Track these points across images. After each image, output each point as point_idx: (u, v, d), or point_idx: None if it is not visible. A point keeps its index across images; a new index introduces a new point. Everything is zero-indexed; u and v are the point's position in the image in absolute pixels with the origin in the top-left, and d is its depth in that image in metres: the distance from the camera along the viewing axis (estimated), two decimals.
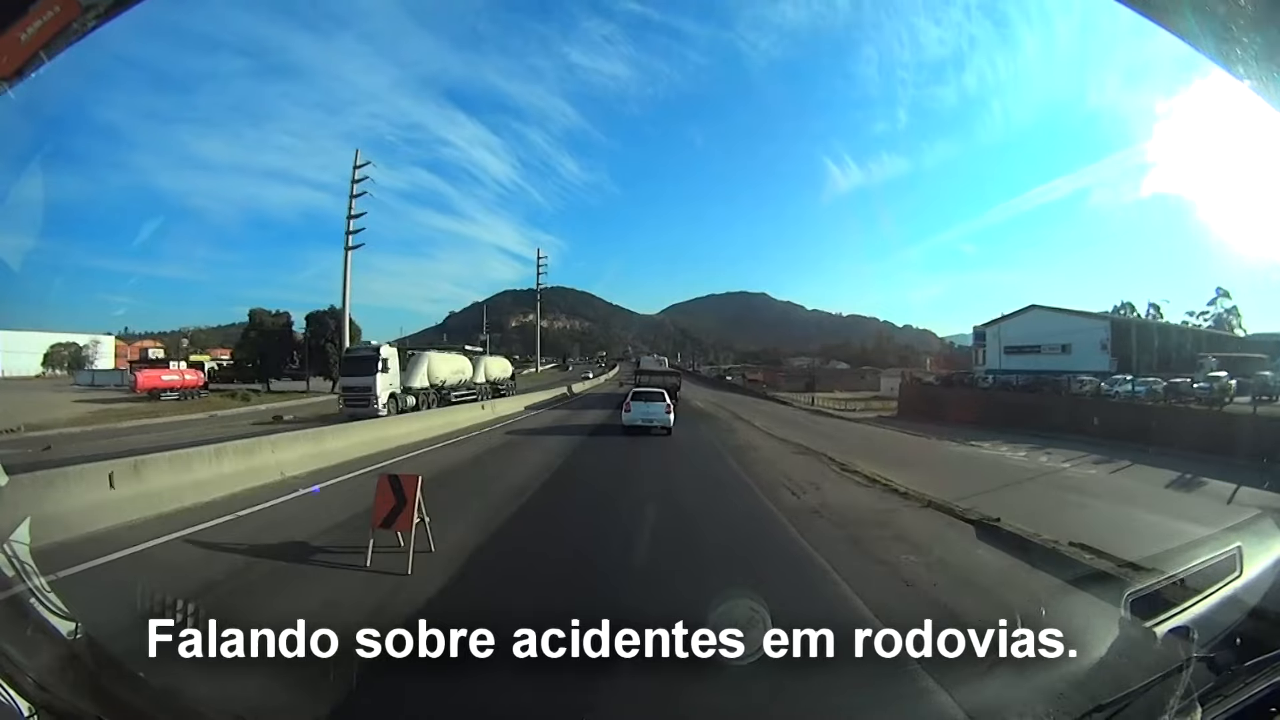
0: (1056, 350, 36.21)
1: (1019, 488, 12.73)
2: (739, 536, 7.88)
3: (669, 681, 3.12)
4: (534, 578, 5.86)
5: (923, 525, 8.22)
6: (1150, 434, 18.56)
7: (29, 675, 2.29)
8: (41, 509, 5.93)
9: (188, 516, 7.64)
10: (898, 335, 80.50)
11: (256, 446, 10.45)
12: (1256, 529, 3.57)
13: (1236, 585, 2.90)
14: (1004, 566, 6.42)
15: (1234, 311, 38.64)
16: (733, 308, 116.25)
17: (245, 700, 3.09)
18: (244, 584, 5.46)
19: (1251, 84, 2.36)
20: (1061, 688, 2.99)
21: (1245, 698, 1.99)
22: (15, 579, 3.03)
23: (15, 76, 2.56)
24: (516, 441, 17.72)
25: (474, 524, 7.72)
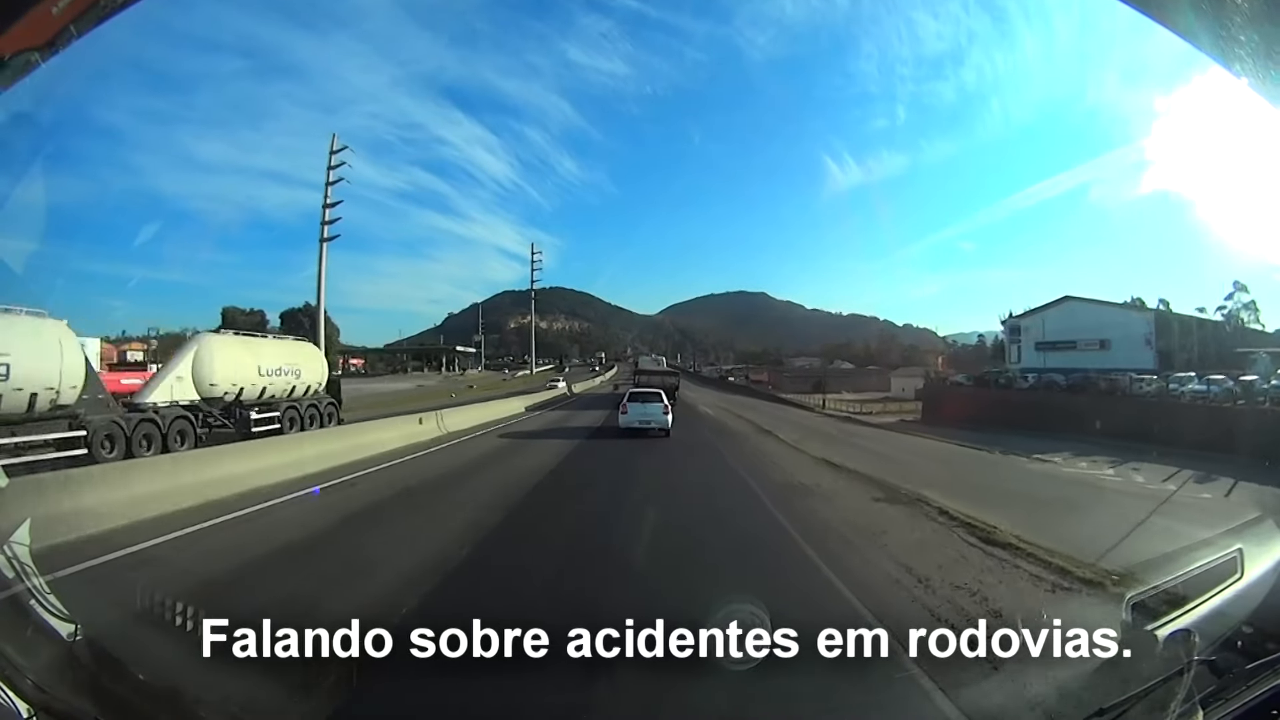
0: (1094, 346, 33.07)
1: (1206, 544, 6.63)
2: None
3: (667, 681, 3.12)
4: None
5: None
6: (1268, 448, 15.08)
7: (28, 676, 2.30)
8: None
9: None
10: (898, 334, 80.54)
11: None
12: (1257, 531, 3.57)
13: (1237, 588, 2.90)
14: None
15: (1251, 306, 36.52)
16: (732, 307, 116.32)
17: (244, 700, 3.09)
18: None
19: (1250, 81, 2.36)
20: (1062, 691, 2.98)
21: (1247, 700, 1.99)
22: (14, 580, 3.04)
23: (47, 48, 2.54)
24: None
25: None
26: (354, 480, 11.35)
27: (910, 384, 43.92)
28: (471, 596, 5.45)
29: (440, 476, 12.14)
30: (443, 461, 14.20)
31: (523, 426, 22.63)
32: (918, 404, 35.84)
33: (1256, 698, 1.98)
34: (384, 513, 9.03)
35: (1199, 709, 2.00)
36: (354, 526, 8.12)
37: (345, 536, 7.61)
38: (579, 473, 12.78)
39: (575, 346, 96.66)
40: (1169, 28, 2.49)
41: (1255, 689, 2.01)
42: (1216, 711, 1.99)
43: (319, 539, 7.43)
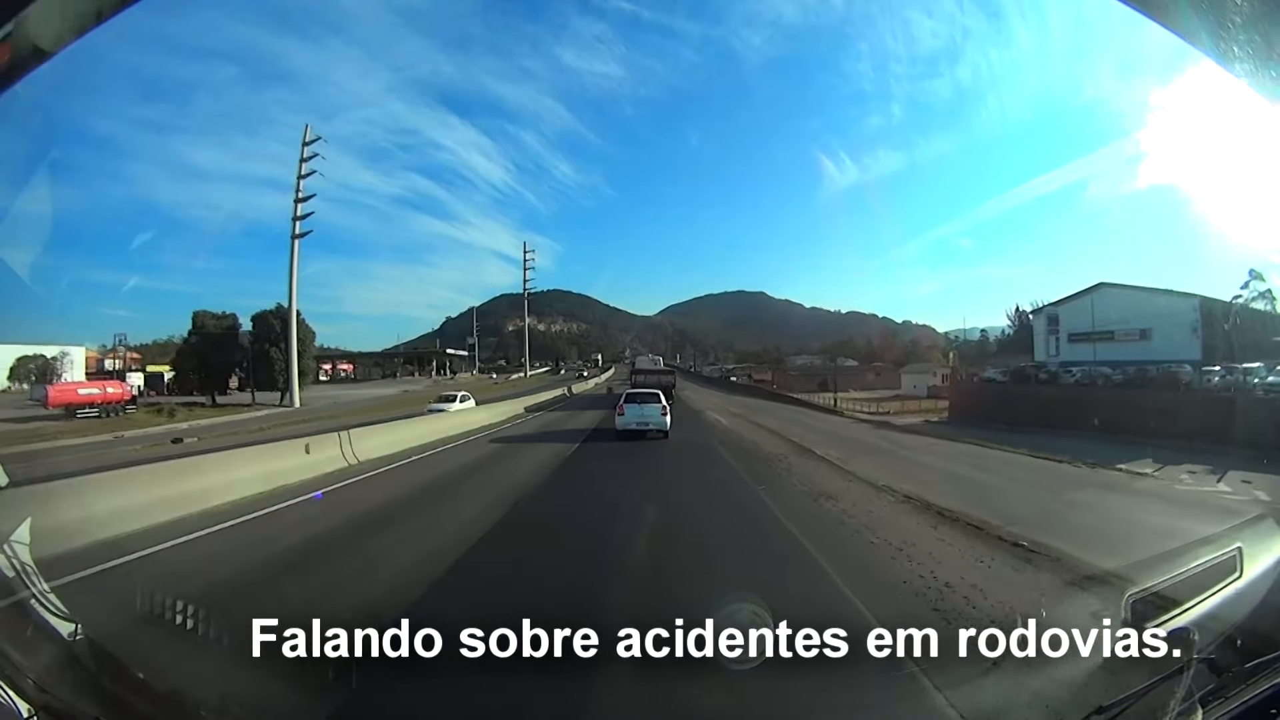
0: (1134, 336, 30.30)
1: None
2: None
3: (666, 681, 3.11)
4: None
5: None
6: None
7: (28, 676, 2.30)
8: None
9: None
10: (898, 332, 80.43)
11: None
12: (1257, 529, 3.56)
13: (1237, 586, 2.89)
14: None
15: (1268, 295, 33.84)
16: (731, 307, 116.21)
17: (245, 700, 3.09)
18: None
19: (1248, 80, 2.36)
20: (1061, 690, 2.98)
21: (1247, 699, 1.99)
22: (15, 580, 3.04)
23: (38, 54, 2.46)
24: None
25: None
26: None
27: (921, 380, 41.92)
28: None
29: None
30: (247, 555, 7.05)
31: (466, 456, 15.56)
32: (935, 402, 33.70)
33: (1256, 697, 1.98)
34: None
35: (1198, 708, 2.00)
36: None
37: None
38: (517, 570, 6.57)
39: (574, 349, 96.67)
40: (1165, 25, 2.48)
41: (1254, 688, 2.02)
42: (1216, 710, 1.99)
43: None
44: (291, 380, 35.79)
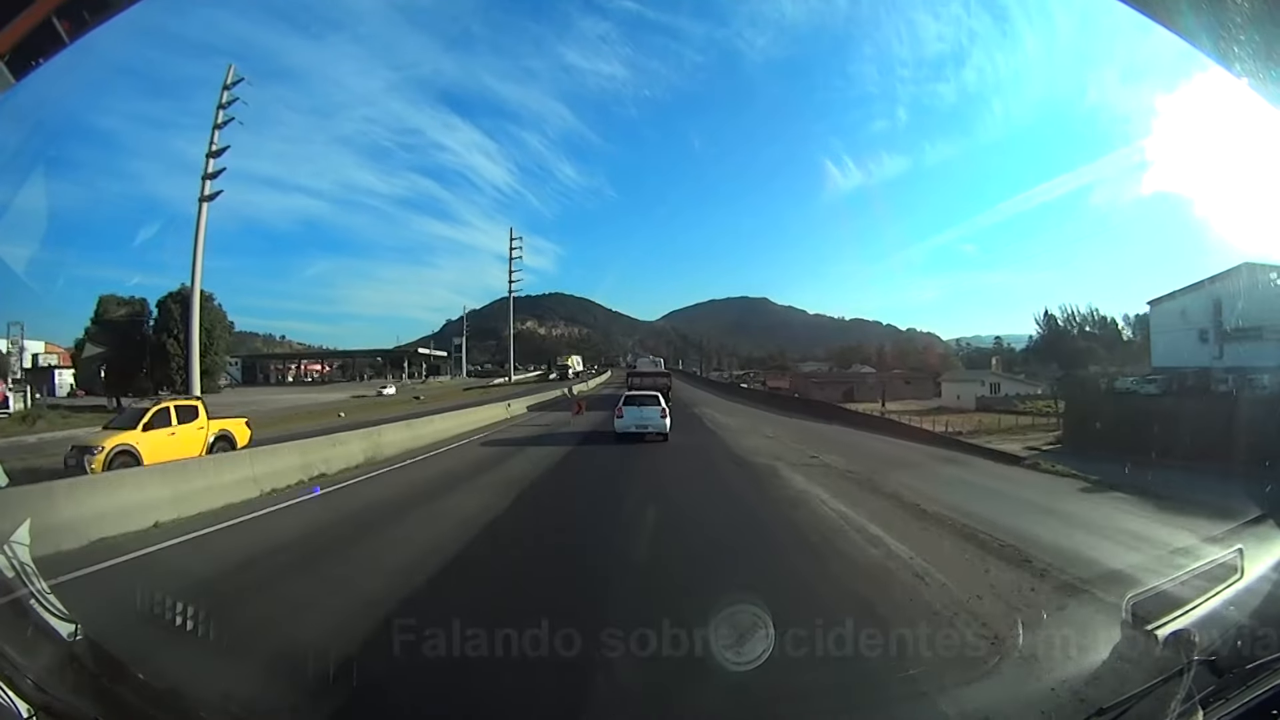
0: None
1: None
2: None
3: (666, 681, 3.11)
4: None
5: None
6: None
7: (28, 676, 2.30)
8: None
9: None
10: (901, 339, 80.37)
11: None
12: (1257, 531, 3.55)
13: (1238, 587, 2.88)
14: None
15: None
16: (734, 313, 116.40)
17: (245, 701, 3.09)
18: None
19: (1250, 81, 2.37)
20: (1062, 691, 2.97)
21: (1247, 700, 1.98)
22: (15, 580, 3.04)
23: (43, 50, 2.44)
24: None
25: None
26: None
27: (966, 390, 36.55)
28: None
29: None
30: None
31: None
32: (997, 418, 26.08)
33: (1256, 698, 1.97)
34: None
35: (1199, 709, 1.99)
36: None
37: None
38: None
39: (574, 352, 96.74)
40: (1168, 27, 2.49)
41: (1255, 689, 2.01)
42: (1216, 711, 1.98)
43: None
44: (191, 380, 25.87)
